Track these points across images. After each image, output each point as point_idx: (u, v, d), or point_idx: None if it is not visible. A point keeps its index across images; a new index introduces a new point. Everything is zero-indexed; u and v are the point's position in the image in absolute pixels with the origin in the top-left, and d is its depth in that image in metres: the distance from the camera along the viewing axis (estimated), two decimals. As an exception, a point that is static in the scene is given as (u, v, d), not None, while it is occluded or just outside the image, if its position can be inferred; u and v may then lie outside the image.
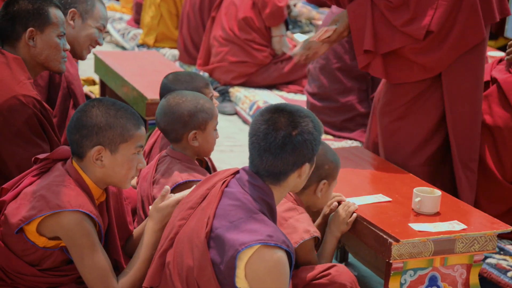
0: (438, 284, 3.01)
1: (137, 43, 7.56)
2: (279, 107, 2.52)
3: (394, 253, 2.88)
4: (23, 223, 2.54)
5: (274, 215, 2.53)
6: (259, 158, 2.49)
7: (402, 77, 3.70)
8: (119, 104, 2.66)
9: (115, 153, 2.61)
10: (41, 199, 2.55)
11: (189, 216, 2.55)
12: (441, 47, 3.62)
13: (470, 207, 3.23)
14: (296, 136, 2.47)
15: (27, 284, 2.63)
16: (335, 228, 3.06)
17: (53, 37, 3.16)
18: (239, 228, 2.41)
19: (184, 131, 3.08)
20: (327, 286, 2.82)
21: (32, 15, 3.11)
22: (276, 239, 2.39)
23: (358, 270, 3.77)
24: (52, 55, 3.16)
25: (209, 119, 3.09)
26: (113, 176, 2.64)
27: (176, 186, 2.98)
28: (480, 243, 2.99)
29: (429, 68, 3.65)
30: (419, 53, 3.63)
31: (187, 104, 3.08)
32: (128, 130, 2.62)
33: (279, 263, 2.38)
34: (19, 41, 3.13)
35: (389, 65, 3.69)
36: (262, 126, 2.49)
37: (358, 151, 3.81)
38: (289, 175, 2.51)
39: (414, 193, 3.09)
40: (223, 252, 2.41)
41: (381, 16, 3.66)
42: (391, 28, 3.63)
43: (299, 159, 2.49)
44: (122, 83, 4.84)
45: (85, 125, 2.59)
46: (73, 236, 2.55)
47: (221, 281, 2.43)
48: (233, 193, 2.50)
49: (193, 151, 3.12)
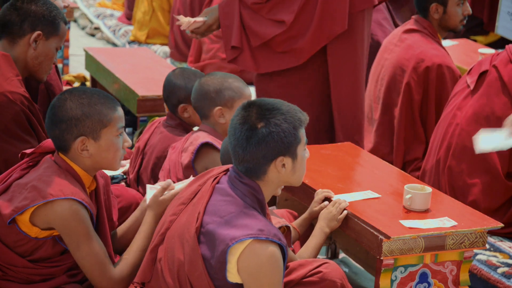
0: (428, 281, 3.02)
1: (128, 39, 7.55)
2: (251, 102, 2.54)
3: (384, 249, 2.89)
4: (16, 213, 2.55)
5: (264, 210, 2.54)
6: (233, 154, 2.53)
7: (271, 67, 3.99)
8: (90, 91, 2.67)
9: (98, 140, 2.63)
10: (33, 189, 2.55)
11: (180, 211, 2.56)
12: (306, 35, 3.89)
13: (460, 203, 3.23)
14: (261, 128, 2.47)
15: (19, 276, 2.63)
16: (325, 224, 3.07)
17: (53, 48, 3.20)
18: (230, 223, 2.42)
19: (210, 107, 3.25)
20: (317, 283, 2.82)
21: (46, 20, 3.15)
22: (267, 233, 2.39)
23: (349, 266, 3.78)
24: (44, 64, 3.20)
25: (236, 97, 3.24)
26: (101, 161, 2.67)
27: (200, 146, 3.16)
28: (470, 239, 3.00)
29: (297, 56, 3.94)
30: (287, 41, 3.91)
31: (214, 82, 3.26)
32: (105, 115, 2.63)
33: (271, 257, 2.39)
34: (22, 39, 3.14)
35: (258, 56, 3.97)
36: (233, 122, 2.53)
37: (348, 147, 3.81)
38: (266, 170, 2.50)
39: (405, 190, 3.10)
40: (213, 247, 2.42)
41: (249, 11, 3.92)
42: (260, 21, 3.91)
43: (268, 152, 2.48)
44: (113, 79, 4.83)
45: (62, 119, 2.61)
46: (68, 225, 2.56)
47: (212, 276, 2.43)
48: (224, 189, 2.52)
49: (222, 129, 3.27)
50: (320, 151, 3.64)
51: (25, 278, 2.64)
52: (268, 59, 3.97)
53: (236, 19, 3.92)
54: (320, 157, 3.56)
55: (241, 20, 3.93)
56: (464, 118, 3.95)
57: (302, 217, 3.17)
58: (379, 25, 5.49)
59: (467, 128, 3.92)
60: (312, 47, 3.95)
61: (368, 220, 2.98)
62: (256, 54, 3.97)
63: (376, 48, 5.40)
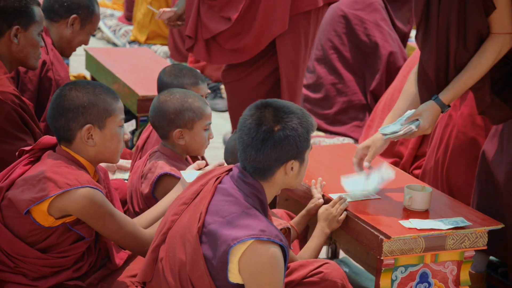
0: (429, 281, 3.02)
1: (128, 39, 7.55)
2: (266, 103, 2.52)
3: (385, 249, 2.89)
4: (33, 203, 2.57)
5: (266, 210, 2.54)
6: (243, 153, 2.50)
7: (221, 60, 4.38)
8: (93, 83, 2.73)
9: (103, 128, 2.68)
10: (47, 180, 2.58)
11: (182, 211, 2.56)
12: (249, 33, 4.17)
13: (461, 203, 3.23)
14: (278, 131, 2.47)
15: (29, 268, 2.65)
16: (325, 225, 3.07)
17: (35, 35, 3.19)
18: (232, 223, 2.42)
19: (170, 129, 3.11)
20: (318, 284, 2.82)
21: (18, 12, 3.12)
22: (269, 233, 2.39)
23: (349, 267, 3.78)
24: (31, 53, 3.19)
25: (197, 118, 3.11)
26: (105, 151, 2.70)
27: (159, 177, 3.03)
28: (470, 239, 3.00)
29: (244, 53, 4.23)
30: (232, 39, 4.21)
31: (174, 102, 3.11)
32: (110, 104, 2.68)
33: (273, 258, 2.39)
34: (2, 37, 3.13)
35: (210, 49, 4.29)
36: (247, 121, 2.50)
37: (349, 148, 3.82)
38: (275, 172, 2.51)
39: (405, 190, 3.10)
40: (215, 247, 2.42)
41: (205, 6, 4.21)
42: (212, 16, 4.20)
43: (282, 155, 2.48)
44: (113, 79, 4.83)
45: (69, 108, 2.64)
46: (90, 210, 2.59)
47: (214, 276, 2.43)
48: (226, 189, 2.51)
49: (181, 149, 3.15)
50: (319, 151, 3.64)
51: (35, 270, 2.65)
52: (219, 53, 4.29)
53: (194, 11, 4.22)
54: (319, 157, 3.56)
55: (198, 12, 4.23)
56: (460, 118, 3.94)
57: (299, 215, 3.17)
58: (376, 26, 5.49)
59: (463, 129, 3.92)
60: (256, 46, 4.21)
61: (368, 220, 2.98)
62: (208, 47, 4.28)
63: (374, 48, 5.41)
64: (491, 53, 3.11)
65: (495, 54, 3.12)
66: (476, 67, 3.12)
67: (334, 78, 5.44)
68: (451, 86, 3.17)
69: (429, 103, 3.17)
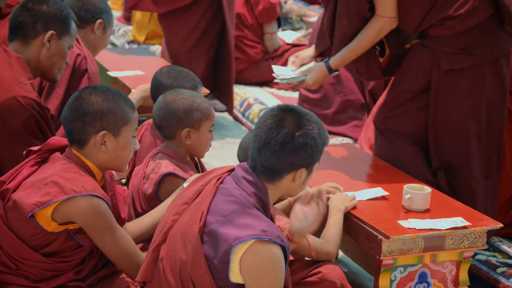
0: (428, 281, 3.02)
1: (127, 39, 7.55)
2: (290, 107, 2.55)
3: (384, 249, 2.89)
4: (38, 208, 2.57)
5: (267, 211, 2.54)
6: (258, 152, 2.51)
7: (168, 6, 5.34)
8: (112, 90, 2.74)
9: (117, 136, 2.68)
10: (54, 185, 2.58)
11: (183, 211, 2.56)
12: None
13: (460, 204, 3.23)
14: (299, 137, 2.48)
15: (31, 271, 2.65)
16: (339, 203, 3.04)
17: (66, 47, 3.23)
18: (233, 222, 2.42)
19: (178, 128, 3.10)
20: (317, 284, 2.83)
21: (58, 20, 3.18)
22: (270, 234, 2.40)
23: (348, 267, 3.78)
24: (57, 63, 3.23)
25: (204, 118, 3.12)
26: (115, 159, 2.71)
27: (163, 176, 3.02)
28: (469, 239, 3.00)
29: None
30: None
31: (183, 102, 3.11)
32: (127, 113, 2.69)
33: (274, 258, 2.40)
34: (35, 40, 3.16)
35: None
36: (268, 120, 2.51)
37: (348, 148, 3.82)
38: (284, 176, 2.51)
39: (404, 190, 3.10)
40: (216, 247, 2.42)
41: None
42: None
43: (296, 161, 2.49)
44: (112, 79, 4.83)
45: (87, 112, 2.65)
46: (91, 219, 2.59)
47: (215, 275, 2.44)
48: (228, 189, 2.51)
49: (185, 149, 3.14)
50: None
51: (37, 273, 2.65)
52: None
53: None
54: (319, 157, 3.56)
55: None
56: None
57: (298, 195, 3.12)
58: None
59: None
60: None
61: (367, 220, 2.98)
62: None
63: None
64: (371, 32, 3.58)
65: (376, 33, 3.58)
66: (359, 42, 3.60)
67: (332, 77, 5.44)
68: (339, 54, 3.65)
69: (320, 64, 3.68)
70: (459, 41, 3.53)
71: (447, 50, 3.55)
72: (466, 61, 3.55)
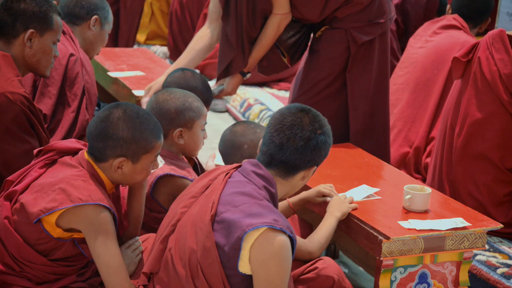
0: (428, 281, 3.02)
1: (127, 40, 7.54)
2: (306, 107, 2.62)
3: (384, 250, 2.89)
4: (44, 214, 2.57)
5: (276, 204, 2.58)
6: (279, 148, 2.55)
7: None
8: (142, 115, 2.68)
9: (136, 163, 2.68)
10: (61, 192, 2.58)
11: (191, 204, 2.59)
12: None
13: (460, 204, 3.23)
14: (320, 135, 2.57)
15: (34, 273, 2.65)
16: (334, 209, 3.04)
17: (50, 43, 3.18)
18: (245, 212, 2.45)
19: (170, 128, 3.10)
20: (315, 279, 2.83)
21: (37, 17, 3.12)
22: (281, 223, 2.44)
23: (348, 267, 3.78)
24: (43, 60, 3.18)
25: (196, 118, 3.11)
26: (129, 180, 2.71)
27: (158, 178, 3.01)
28: (470, 240, 3.00)
29: None
30: None
31: (175, 101, 3.10)
32: (150, 142, 2.67)
33: (283, 247, 2.42)
34: (16, 39, 3.13)
35: None
36: (289, 118, 2.57)
37: (348, 147, 3.82)
38: (298, 173, 2.58)
39: (405, 190, 3.10)
40: (228, 234, 2.44)
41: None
42: None
43: (314, 158, 2.57)
44: (112, 80, 4.83)
45: (111, 137, 2.63)
46: (92, 227, 2.59)
47: (225, 264, 2.45)
48: (237, 182, 2.55)
49: (178, 149, 3.14)
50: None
51: (40, 276, 2.66)
52: None
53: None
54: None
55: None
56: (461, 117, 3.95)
57: (298, 197, 3.14)
58: None
59: (467, 130, 3.92)
60: None
61: (367, 221, 2.98)
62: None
63: None
64: (271, 29, 3.86)
65: (275, 30, 3.86)
66: (263, 41, 3.89)
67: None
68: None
69: None
70: (365, 15, 3.86)
71: (357, 25, 3.86)
72: (376, 30, 3.89)
